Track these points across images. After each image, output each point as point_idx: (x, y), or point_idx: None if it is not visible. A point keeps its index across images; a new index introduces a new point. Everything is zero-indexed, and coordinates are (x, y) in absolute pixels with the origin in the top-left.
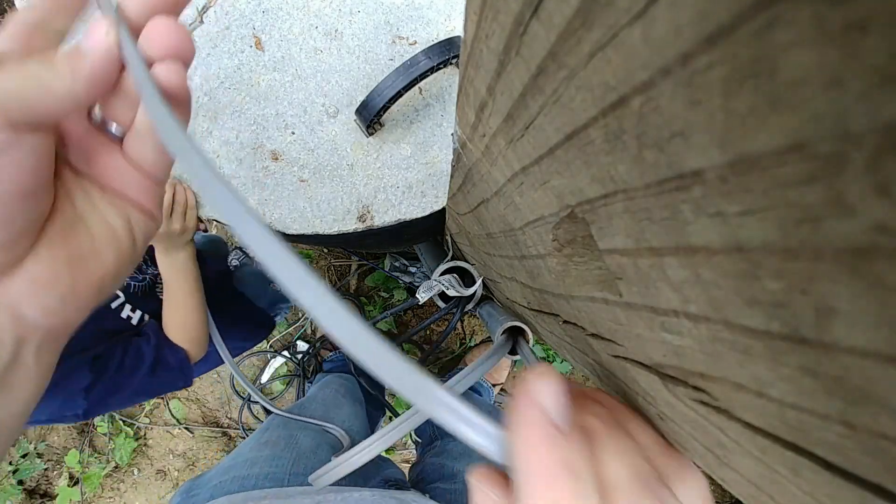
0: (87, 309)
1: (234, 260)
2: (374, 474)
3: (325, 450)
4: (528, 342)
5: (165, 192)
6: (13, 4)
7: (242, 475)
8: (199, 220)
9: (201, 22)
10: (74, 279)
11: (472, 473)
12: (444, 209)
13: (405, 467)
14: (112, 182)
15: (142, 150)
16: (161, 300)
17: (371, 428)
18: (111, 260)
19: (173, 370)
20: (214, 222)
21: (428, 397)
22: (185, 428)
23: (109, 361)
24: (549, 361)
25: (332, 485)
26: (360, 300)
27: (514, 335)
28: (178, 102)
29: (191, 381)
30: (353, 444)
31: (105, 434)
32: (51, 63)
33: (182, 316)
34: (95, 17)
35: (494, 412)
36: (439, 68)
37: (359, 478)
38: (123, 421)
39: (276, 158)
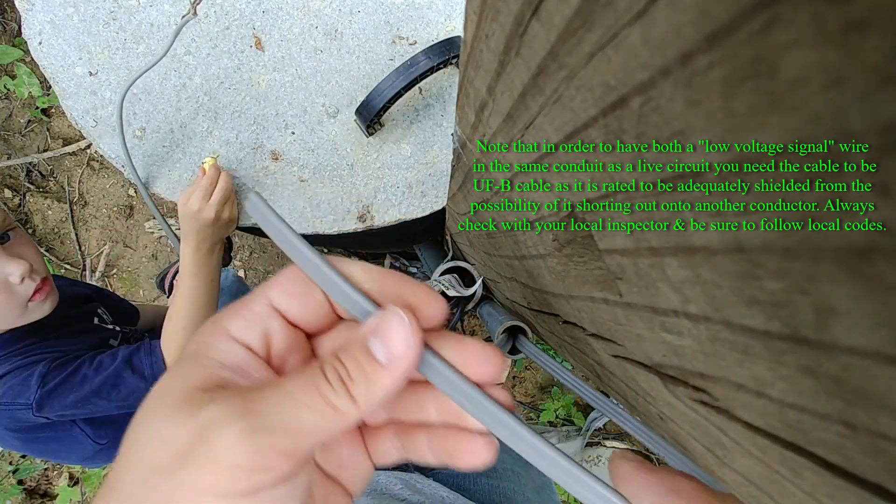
0: None
1: None
2: None
3: None
4: (528, 341)
5: (220, 183)
6: (13, 5)
7: None
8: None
9: (194, 14)
10: None
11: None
12: (444, 209)
13: None
14: (336, 471)
15: (391, 448)
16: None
17: None
18: None
19: (145, 380)
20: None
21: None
22: None
23: (71, 362)
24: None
25: None
26: None
27: (514, 334)
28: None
29: None
30: None
31: None
32: (342, 386)
33: (185, 318)
34: (382, 315)
35: None
36: (439, 68)
37: None
38: None
39: (276, 158)
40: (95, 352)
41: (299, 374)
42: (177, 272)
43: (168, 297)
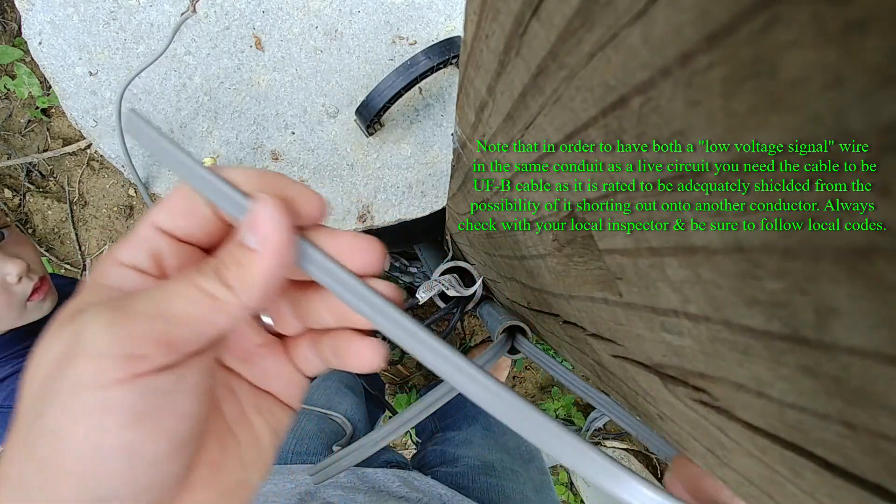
0: None
1: None
2: (375, 458)
3: (327, 435)
4: (528, 340)
5: None
6: (13, 5)
7: None
8: None
9: (193, 11)
10: None
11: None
12: (444, 209)
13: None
14: (263, 382)
15: (312, 357)
16: None
17: (370, 425)
18: (257, 483)
19: None
20: None
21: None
22: None
23: None
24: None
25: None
26: None
27: (514, 334)
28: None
29: None
30: (354, 432)
31: None
32: (216, 272)
33: None
34: (250, 204)
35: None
36: (439, 68)
37: (361, 461)
38: None
39: (276, 158)
40: None
41: (178, 273)
42: None
43: None
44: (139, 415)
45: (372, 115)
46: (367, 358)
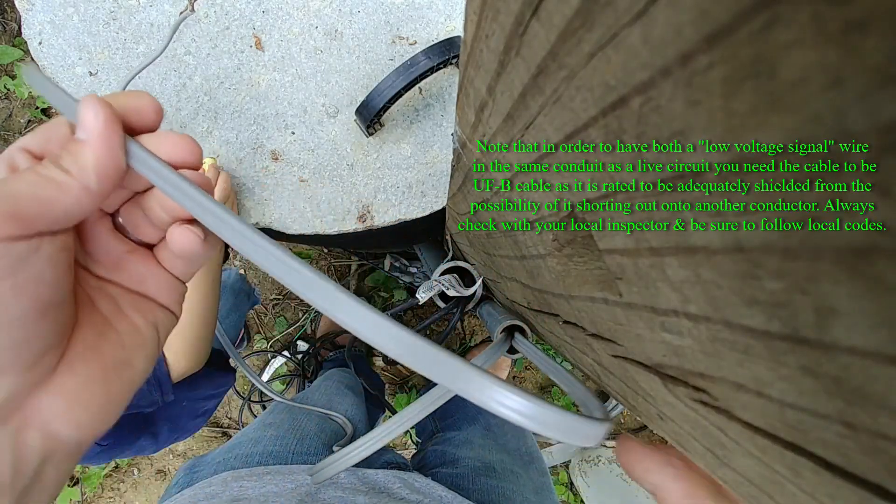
0: (117, 416)
1: None
2: (376, 459)
3: (328, 435)
4: (527, 340)
5: (219, 183)
6: (13, 5)
7: (246, 453)
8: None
9: (192, 10)
10: (108, 391)
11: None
12: (444, 209)
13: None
14: (139, 286)
15: (175, 259)
16: None
17: (370, 426)
18: (141, 365)
19: (147, 381)
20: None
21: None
22: None
23: None
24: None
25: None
26: None
27: (513, 334)
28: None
29: (170, 395)
30: (355, 432)
31: None
32: (54, 161)
33: (187, 314)
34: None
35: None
36: (439, 68)
37: (362, 462)
38: None
39: (276, 158)
40: None
41: None
42: None
43: None
44: None
45: (372, 115)
46: (180, 240)
